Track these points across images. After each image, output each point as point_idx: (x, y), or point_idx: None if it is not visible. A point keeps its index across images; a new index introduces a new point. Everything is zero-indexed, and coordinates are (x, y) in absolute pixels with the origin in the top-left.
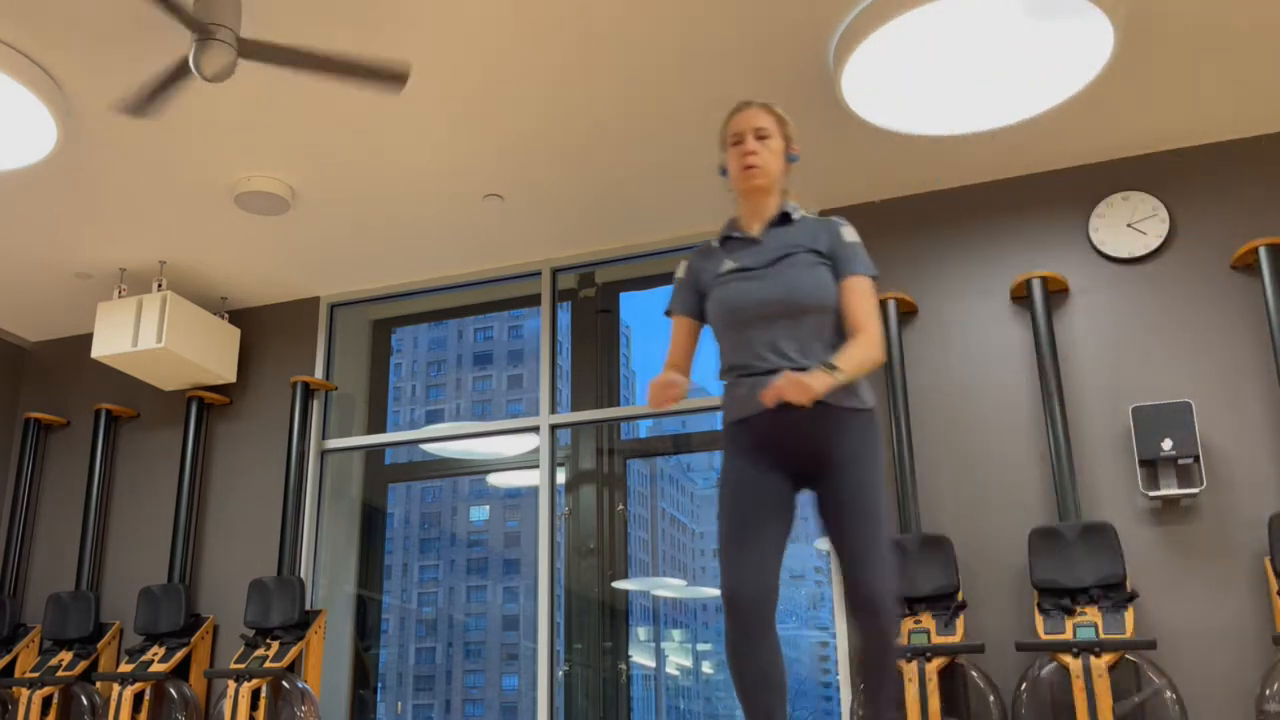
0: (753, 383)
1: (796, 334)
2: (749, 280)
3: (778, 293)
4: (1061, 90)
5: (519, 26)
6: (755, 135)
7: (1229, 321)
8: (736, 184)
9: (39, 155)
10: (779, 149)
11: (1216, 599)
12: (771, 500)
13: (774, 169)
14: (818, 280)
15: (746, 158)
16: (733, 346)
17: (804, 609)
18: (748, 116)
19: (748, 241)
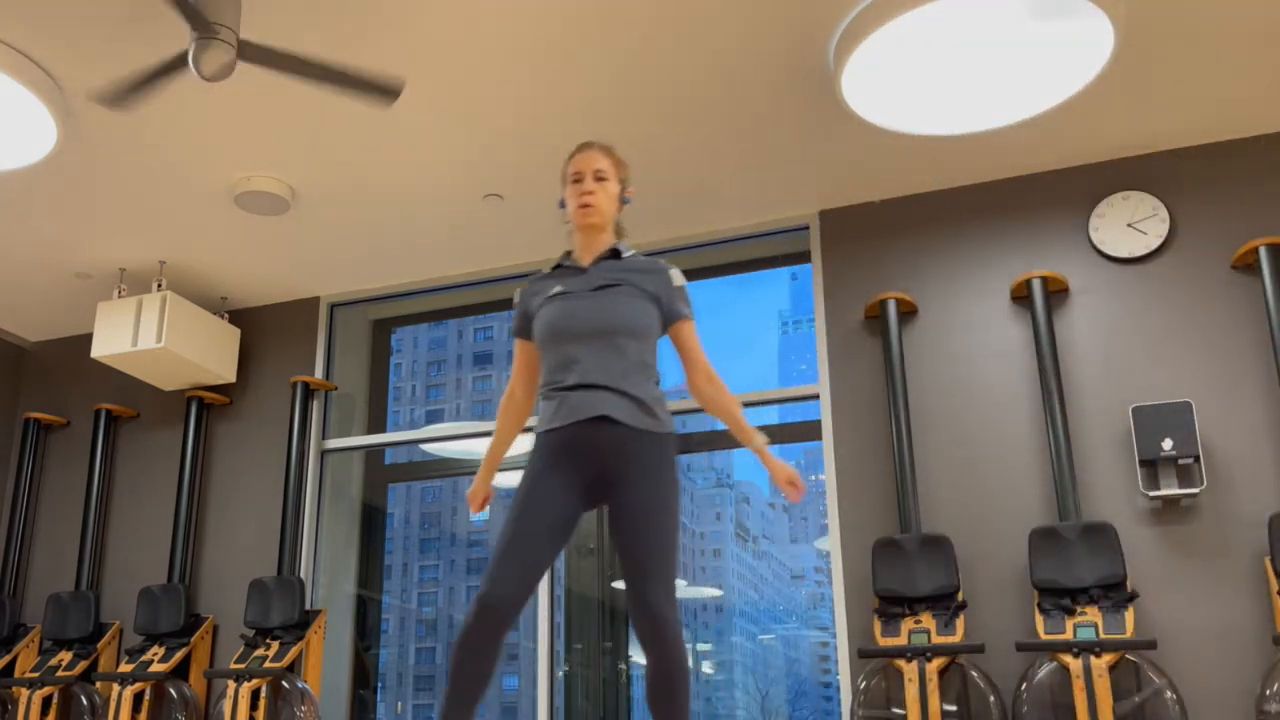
0: (562, 398)
1: (607, 353)
2: (570, 302)
3: (595, 316)
4: (1061, 90)
5: (519, 27)
6: (594, 176)
7: (1229, 321)
8: (573, 219)
9: (39, 155)
10: (614, 192)
11: (1216, 599)
12: (557, 520)
13: (608, 210)
14: (635, 309)
15: (583, 196)
16: (550, 363)
17: (804, 609)
18: (588, 158)
19: (576, 270)
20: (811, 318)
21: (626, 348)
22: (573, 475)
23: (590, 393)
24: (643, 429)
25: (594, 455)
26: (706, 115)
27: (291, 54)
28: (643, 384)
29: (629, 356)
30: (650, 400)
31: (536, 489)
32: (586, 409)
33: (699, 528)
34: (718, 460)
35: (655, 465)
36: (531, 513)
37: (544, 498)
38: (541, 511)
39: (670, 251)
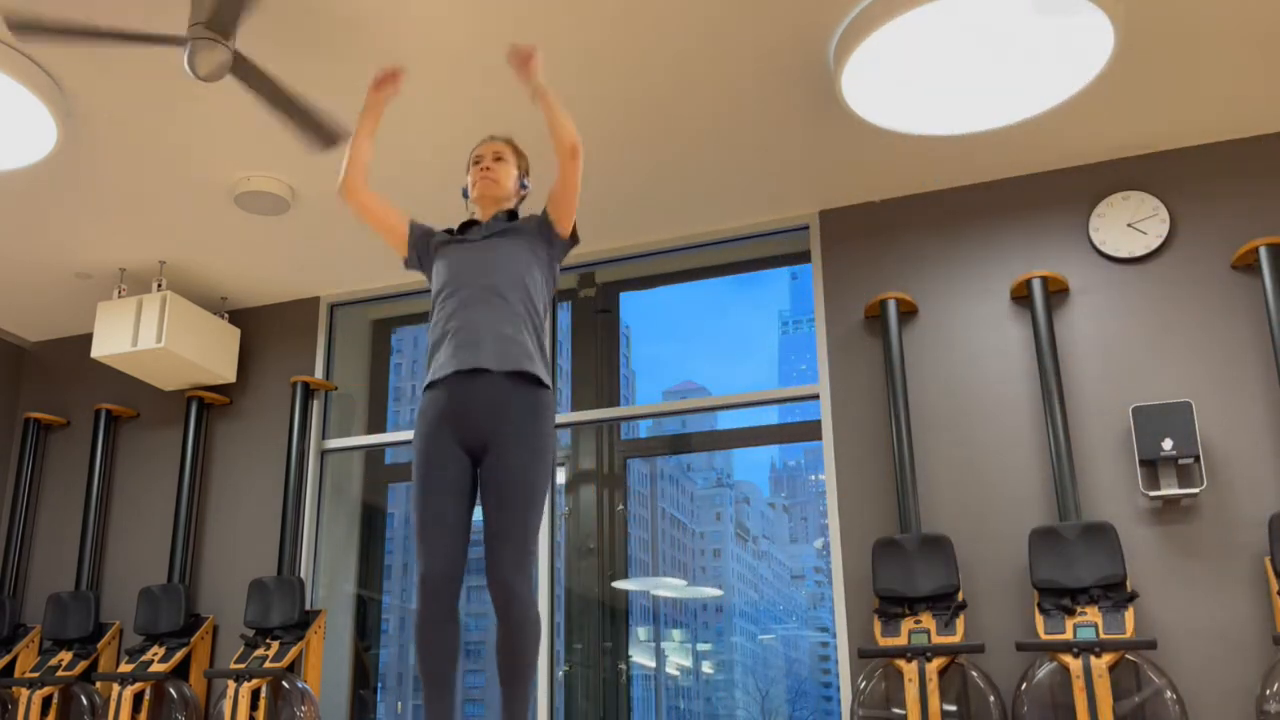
0: (450, 348)
1: (492, 300)
2: (462, 250)
3: (482, 261)
4: (1061, 90)
5: (519, 27)
6: (493, 157)
7: (1229, 321)
8: (474, 191)
9: (39, 155)
10: (512, 172)
11: (1216, 599)
12: (456, 481)
13: (506, 183)
14: (518, 254)
15: (484, 171)
16: (441, 314)
17: (804, 609)
18: (490, 146)
19: (475, 224)
20: (811, 318)
21: (508, 294)
22: (458, 439)
23: (471, 338)
24: (526, 372)
25: (470, 412)
26: (706, 115)
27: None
28: (521, 331)
29: (510, 303)
30: (529, 347)
31: (431, 457)
32: (467, 358)
33: (699, 528)
34: (718, 460)
35: (530, 424)
36: (432, 483)
37: (439, 470)
38: (440, 478)
39: (670, 252)
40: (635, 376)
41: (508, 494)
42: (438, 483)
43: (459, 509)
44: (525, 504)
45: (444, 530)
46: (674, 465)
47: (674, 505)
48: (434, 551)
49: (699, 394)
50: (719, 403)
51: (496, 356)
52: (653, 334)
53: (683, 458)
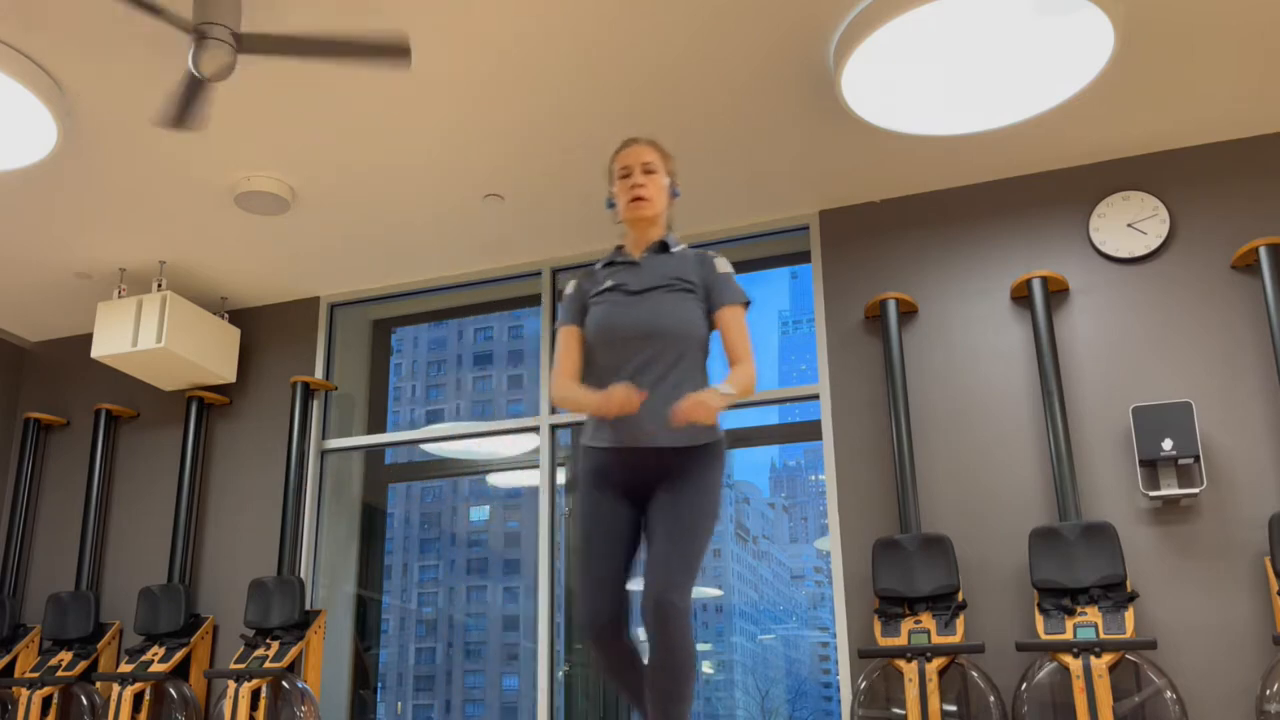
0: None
1: (657, 361)
2: (621, 304)
3: (645, 318)
4: (1061, 90)
5: (519, 27)
6: (643, 170)
7: (1229, 321)
8: (624, 214)
9: (39, 155)
10: (664, 184)
11: (1216, 599)
12: (621, 530)
13: (659, 202)
14: (686, 311)
15: (634, 190)
16: (599, 366)
17: (804, 609)
18: (635, 152)
19: (629, 264)
20: (811, 318)
21: (676, 354)
22: (624, 494)
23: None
24: (688, 445)
25: (639, 474)
26: (706, 115)
27: (291, 35)
28: (691, 392)
29: (679, 364)
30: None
31: (595, 515)
32: (635, 434)
33: None
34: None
35: (698, 474)
36: (595, 533)
37: (603, 524)
38: (603, 529)
39: None
40: None
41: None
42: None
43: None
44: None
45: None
46: None
47: None
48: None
49: None
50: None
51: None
52: None
53: None
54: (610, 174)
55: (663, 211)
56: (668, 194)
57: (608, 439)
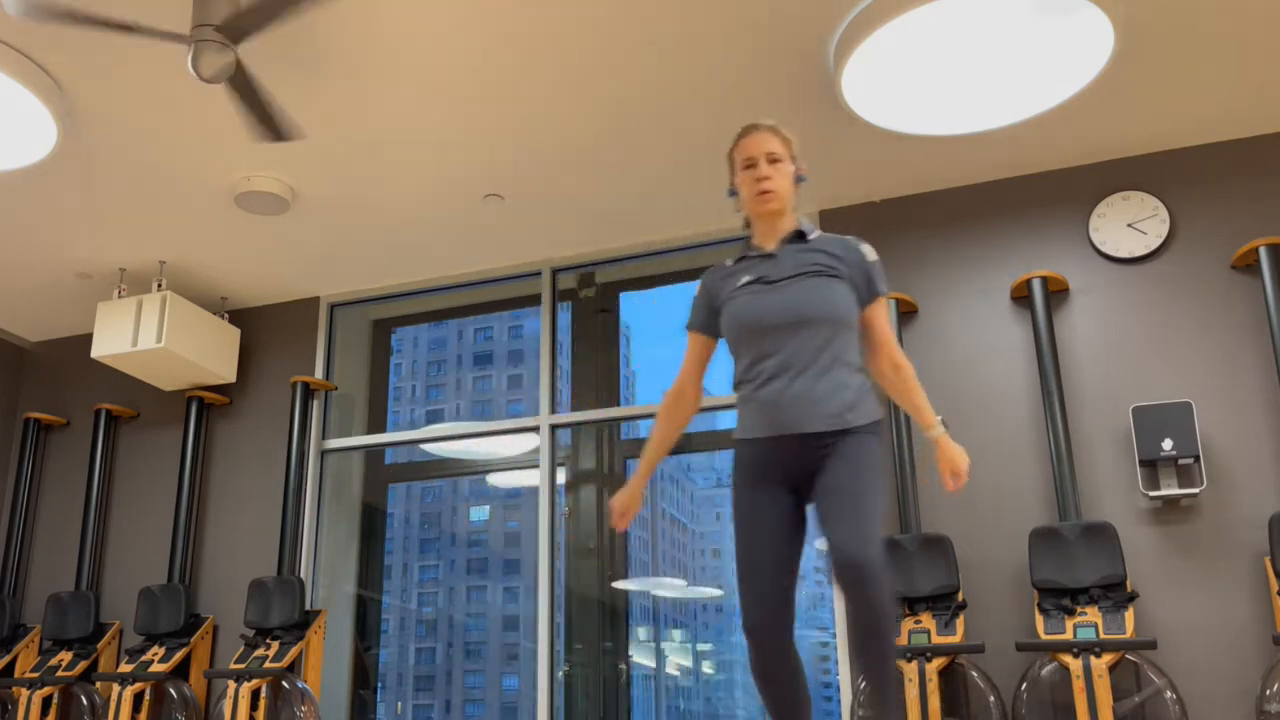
0: (761, 404)
1: (806, 347)
2: (764, 294)
3: (792, 306)
4: (1061, 90)
5: (519, 27)
6: (767, 159)
7: (1229, 321)
8: (751, 207)
9: (39, 155)
10: (789, 172)
11: (1216, 599)
12: (782, 527)
13: (786, 192)
14: (833, 295)
15: (761, 182)
16: (744, 360)
17: (804, 609)
18: (758, 140)
19: (764, 257)
20: None
21: (825, 339)
22: (780, 485)
23: (787, 398)
24: (844, 429)
25: (797, 463)
26: (706, 115)
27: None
28: (845, 378)
29: (829, 349)
30: (853, 395)
31: (754, 506)
32: (787, 421)
33: (699, 528)
34: (718, 460)
35: (858, 451)
36: (755, 532)
37: (761, 513)
38: (763, 527)
39: (670, 252)
40: (635, 376)
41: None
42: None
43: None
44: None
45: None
46: (674, 465)
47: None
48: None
49: None
50: (719, 403)
51: (819, 417)
52: (653, 334)
53: (683, 458)
54: (732, 163)
55: (790, 201)
56: (794, 181)
57: (762, 429)
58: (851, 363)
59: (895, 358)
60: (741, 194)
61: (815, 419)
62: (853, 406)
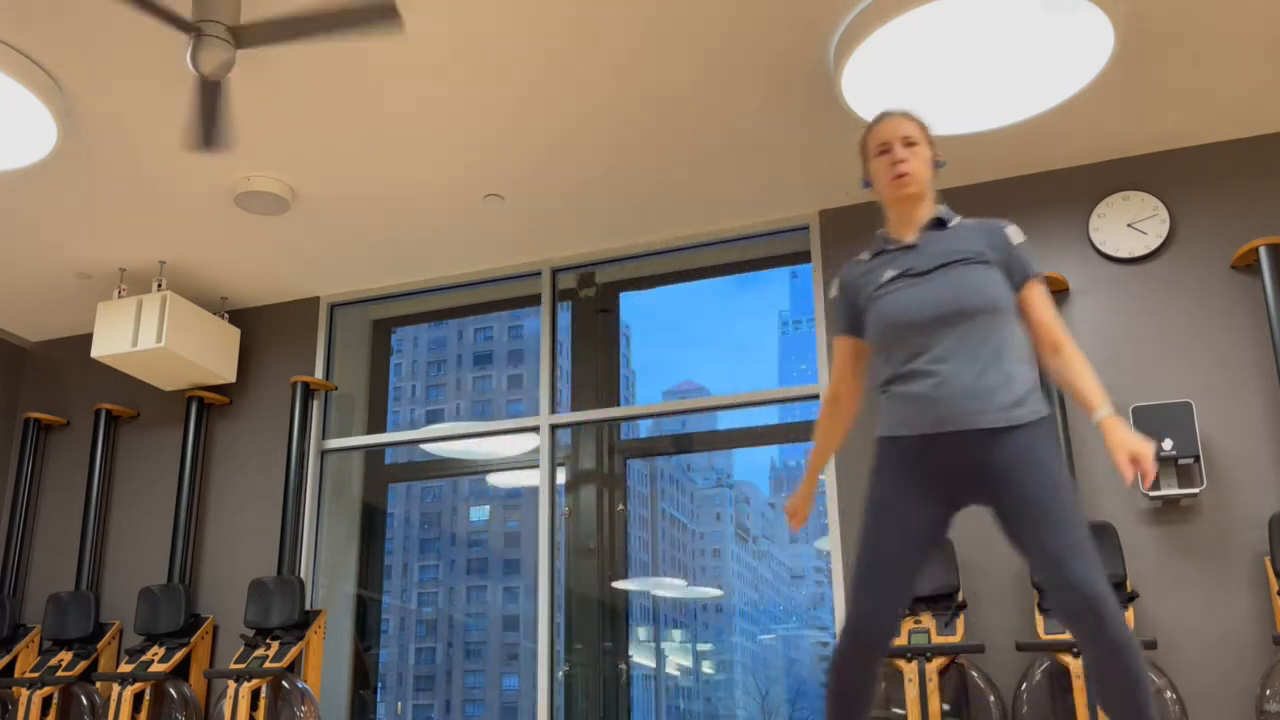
0: (914, 399)
1: (965, 340)
2: (912, 288)
3: (945, 298)
4: (1062, 90)
5: (519, 27)
6: (903, 143)
7: (1229, 321)
8: (887, 193)
9: (39, 155)
10: (926, 156)
11: (1216, 599)
12: (921, 534)
13: (924, 176)
14: (986, 282)
15: (897, 166)
16: (894, 358)
17: (804, 609)
18: (892, 125)
19: (904, 249)
20: (812, 318)
21: (985, 330)
22: (932, 488)
23: (948, 393)
24: (1011, 425)
25: (956, 466)
26: (706, 115)
27: (288, 18)
28: (1007, 370)
29: (990, 340)
30: (1022, 388)
31: (890, 506)
32: (946, 417)
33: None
34: (718, 460)
35: (1031, 454)
36: (887, 533)
37: (901, 514)
38: (897, 531)
39: (670, 252)
40: (635, 376)
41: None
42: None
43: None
44: (1069, 506)
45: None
46: (674, 465)
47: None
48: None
49: (699, 394)
50: (719, 403)
51: (986, 412)
52: (653, 334)
53: (683, 458)
54: (864, 151)
55: (928, 186)
56: (931, 166)
57: (916, 426)
58: (1016, 354)
59: (1054, 336)
60: (876, 182)
61: (982, 414)
62: (1022, 401)
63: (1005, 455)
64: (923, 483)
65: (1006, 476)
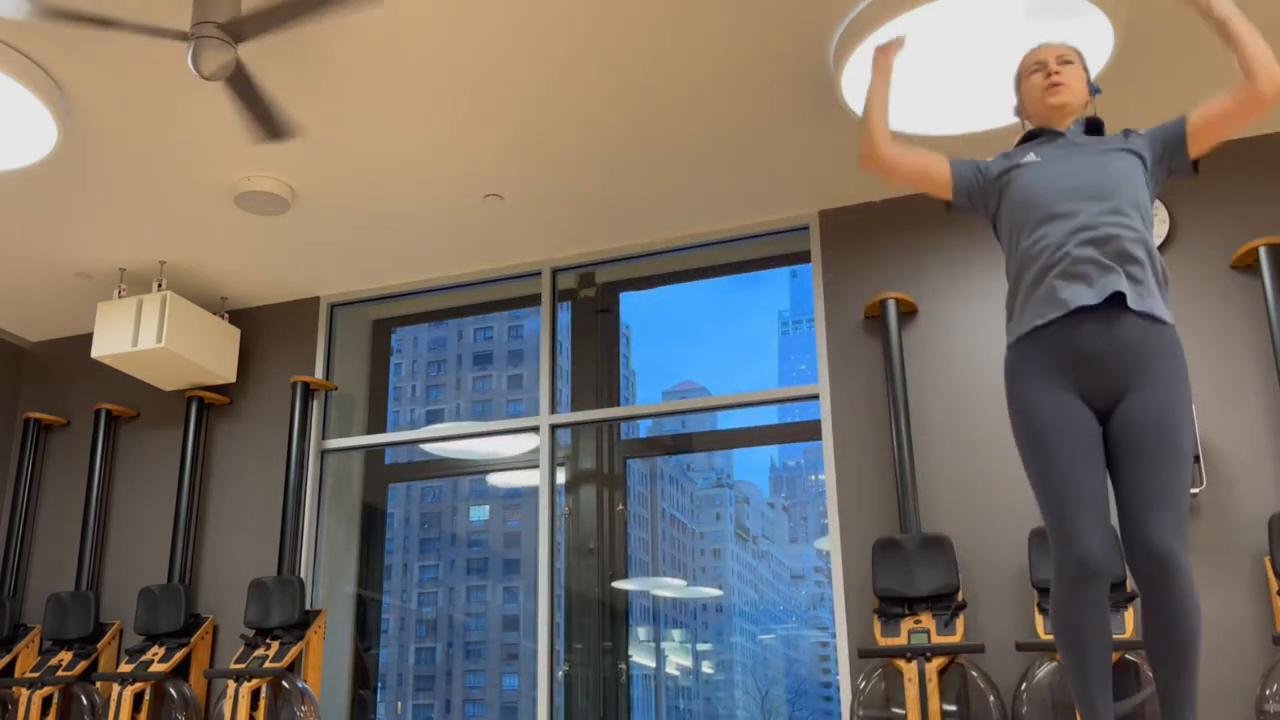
0: (1069, 279)
1: (1112, 220)
2: (1059, 161)
3: (1090, 175)
4: None
5: (519, 27)
6: (1058, 60)
7: (1229, 321)
8: (1039, 103)
9: (39, 155)
10: (1082, 75)
11: (1216, 599)
12: (1091, 434)
13: (1079, 89)
14: (1133, 171)
15: (1052, 77)
16: (1032, 241)
17: (804, 609)
18: (1047, 48)
19: (1053, 135)
20: (811, 318)
21: (1129, 217)
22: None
23: (1091, 266)
24: (1155, 316)
25: (1096, 352)
26: (706, 115)
27: (270, 6)
28: (1148, 260)
29: (1134, 228)
30: (1153, 283)
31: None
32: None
33: (699, 528)
34: (718, 460)
35: (1169, 363)
36: (1063, 436)
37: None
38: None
39: (670, 252)
40: (635, 376)
41: (1158, 444)
42: (1068, 443)
43: (1098, 475)
44: (1178, 456)
45: (1094, 501)
46: (674, 465)
47: (674, 505)
48: (1090, 527)
49: (699, 394)
50: (719, 403)
51: (1133, 292)
52: (653, 334)
53: (683, 458)
54: (1018, 78)
55: (1082, 103)
56: (1087, 88)
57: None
58: (1153, 251)
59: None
60: (1028, 100)
61: (1130, 291)
62: (1162, 298)
63: (1149, 344)
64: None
65: (1147, 368)
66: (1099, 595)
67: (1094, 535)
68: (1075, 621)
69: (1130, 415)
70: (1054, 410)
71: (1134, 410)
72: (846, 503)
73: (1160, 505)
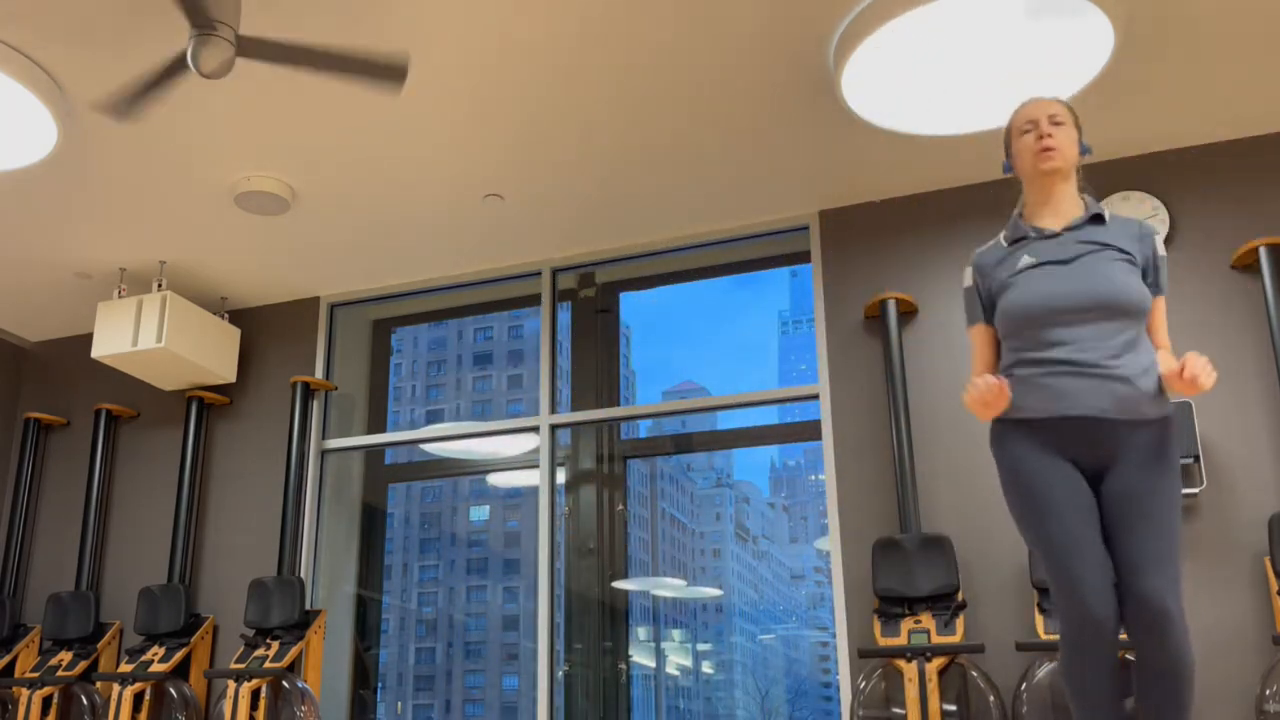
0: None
1: (1106, 333)
2: (1053, 275)
3: (1085, 288)
4: (1061, 90)
5: (519, 27)
6: (1050, 121)
7: (1229, 321)
8: (1031, 167)
9: (39, 155)
10: (1073, 137)
11: (1216, 599)
12: (1087, 501)
13: (1070, 153)
14: (1129, 280)
15: (1043, 140)
16: (1027, 344)
17: (804, 609)
18: (1040, 105)
19: (1046, 237)
20: (811, 318)
21: (1121, 325)
22: (1065, 454)
23: (1079, 380)
24: (1139, 419)
25: (1082, 449)
26: (706, 115)
27: (292, 44)
28: (1138, 364)
29: (1125, 335)
30: (1148, 384)
31: (1048, 478)
32: (1076, 403)
33: (699, 528)
34: (718, 460)
35: (1151, 452)
36: (1063, 503)
37: (1060, 481)
38: (1069, 498)
39: (670, 252)
40: (635, 376)
41: (1151, 511)
42: (1066, 503)
43: (1098, 535)
44: (1171, 519)
45: (1097, 560)
46: (674, 465)
47: (674, 505)
48: (1092, 587)
49: (699, 394)
50: (719, 403)
51: (1115, 402)
52: (653, 334)
53: (683, 458)
54: (1008, 134)
55: (1073, 166)
56: (1078, 150)
57: (1051, 410)
58: (1145, 351)
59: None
60: (1020, 160)
61: (1114, 408)
62: (1152, 397)
63: (1131, 447)
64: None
65: (1127, 467)
66: (1112, 655)
67: (1104, 593)
68: (1089, 673)
69: (1121, 483)
70: (1048, 475)
71: (1124, 477)
72: (846, 503)
73: (1157, 568)
